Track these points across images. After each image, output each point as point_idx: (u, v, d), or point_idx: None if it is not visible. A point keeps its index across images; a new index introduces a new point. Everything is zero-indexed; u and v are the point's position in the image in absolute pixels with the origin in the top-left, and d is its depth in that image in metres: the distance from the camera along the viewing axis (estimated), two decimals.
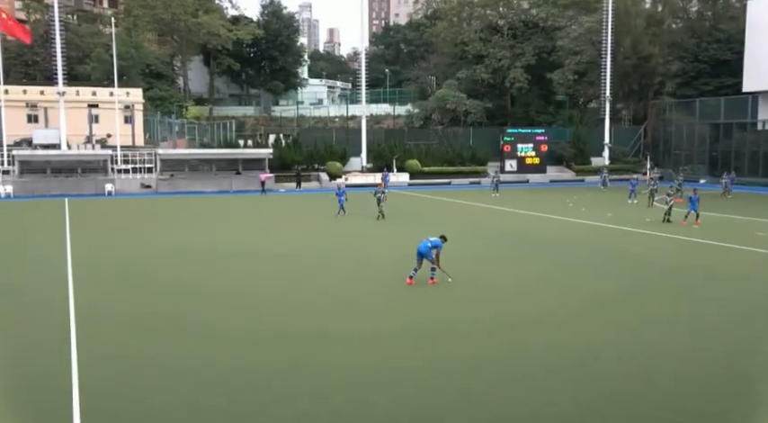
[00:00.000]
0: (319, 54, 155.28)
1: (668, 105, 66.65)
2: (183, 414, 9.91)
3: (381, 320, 14.94)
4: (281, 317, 15.25)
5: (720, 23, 68.98)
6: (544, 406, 10.19)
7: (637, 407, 10.14)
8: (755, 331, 14.12)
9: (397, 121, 79.28)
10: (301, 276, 19.77)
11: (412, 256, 18.53)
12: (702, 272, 20.43)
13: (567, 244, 25.92)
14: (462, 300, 16.85)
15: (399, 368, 11.79)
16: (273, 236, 28.68)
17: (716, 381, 11.23)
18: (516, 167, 62.84)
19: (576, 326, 14.50)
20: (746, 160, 57.34)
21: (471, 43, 74.69)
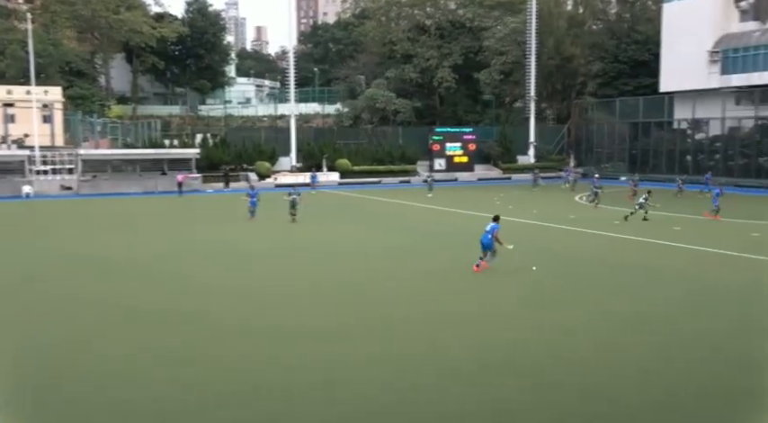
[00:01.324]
0: (247, 53, 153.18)
1: (590, 105, 68.66)
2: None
3: (324, 317, 14.86)
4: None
5: (638, 25, 71.51)
6: (477, 402, 10.34)
7: (567, 400, 10.39)
8: (693, 325, 14.67)
9: (327, 121, 79.02)
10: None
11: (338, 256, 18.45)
12: (634, 269, 21.09)
13: None
14: (405, 297, 16.95)
15: (347, 362, 11.78)
16: (171, 241, 27.43)
17: (650, 374, 11.62)
18: (445, 166, 63.53)
19: (513, 323, 14.76)
20: (664, 158, 59.61)
21: (399, 43, 75.13)
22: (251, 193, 33.70)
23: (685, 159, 58.39)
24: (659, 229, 28.53)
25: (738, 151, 54.44)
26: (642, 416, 9.81)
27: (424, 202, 41.64)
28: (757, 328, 14.27)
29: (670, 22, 61.80)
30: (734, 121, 55.14)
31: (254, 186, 36.37)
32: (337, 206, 40.81)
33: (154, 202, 44.24)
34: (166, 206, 41.93)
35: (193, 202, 44.71)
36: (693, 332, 13.88)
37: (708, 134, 57.29)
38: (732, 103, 56.08)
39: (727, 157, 55.21)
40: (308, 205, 35.43)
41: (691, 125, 58.76)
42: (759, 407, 10.17)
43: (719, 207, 32.88)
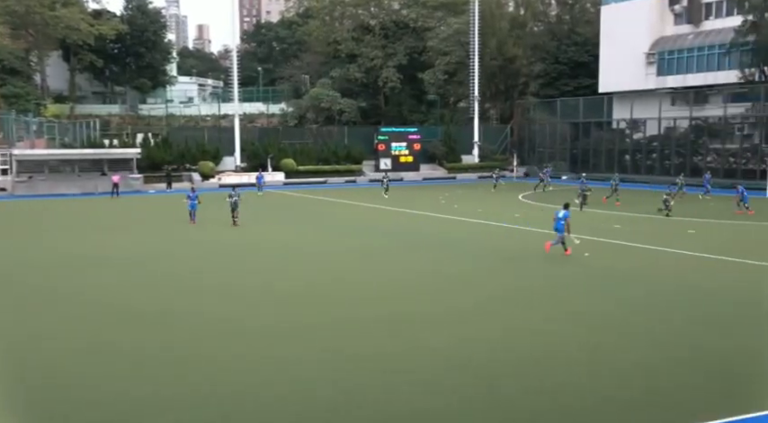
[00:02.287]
0: (189, 51, 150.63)
1: (532, 105, 69.83)
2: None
3: (273, 317, 14.72)
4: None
5: (578, 27, 73.06)
6: (425, 401, 10.39)
7: (515, 397, 10.54)
8: (645, 323, 15.03)
9: (272, 120, 78.27)
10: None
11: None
12: (579, 267, 21.52)
13: (449, 241, 26.57)
14: (367, 298, 16.93)
15: (305, 360, 11.67)
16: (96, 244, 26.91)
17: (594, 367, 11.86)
18: (391, 166, 63.73)
19: (476, 323, 14.88)
20: (603, 157, 61.03)
21: (344, 42, 75.00)
22: (190, 194, 31.84)
23: (624, 158, 59.91)
24: (601, 228, 29.20)
25: (674, 150, 56.14)
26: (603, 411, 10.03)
27: (371, 202, 41.67)
28: (702, 322, 14.74)
29: (608, 25, 63.35)
30: (670, 122, 56.85)
31: (194, 188, 34.59)
32: (285, 207, 40.52)
33: (89, 204, 43.07)
34: (101, 208, 40.81)
35: (131, 203, 43.69)
36: (645, 330, 14.26)
37: (645, 134, 58.91)
38: (668, 104, 57.83)
39: (664, 156, 56.85)
40: (256, 207, 35.04)
41: (629, 125, 60.31)
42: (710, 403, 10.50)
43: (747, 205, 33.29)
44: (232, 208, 30.46)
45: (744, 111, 51.92)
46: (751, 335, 13.61)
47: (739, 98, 52.57)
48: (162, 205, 41.84)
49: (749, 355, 12.42)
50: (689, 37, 58.40)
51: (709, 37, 56.71)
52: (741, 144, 52.32)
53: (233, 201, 30.52)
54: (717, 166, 52.72)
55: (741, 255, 22.09)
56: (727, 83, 53.52)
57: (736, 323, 14.46)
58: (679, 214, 33.19)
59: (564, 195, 43.35)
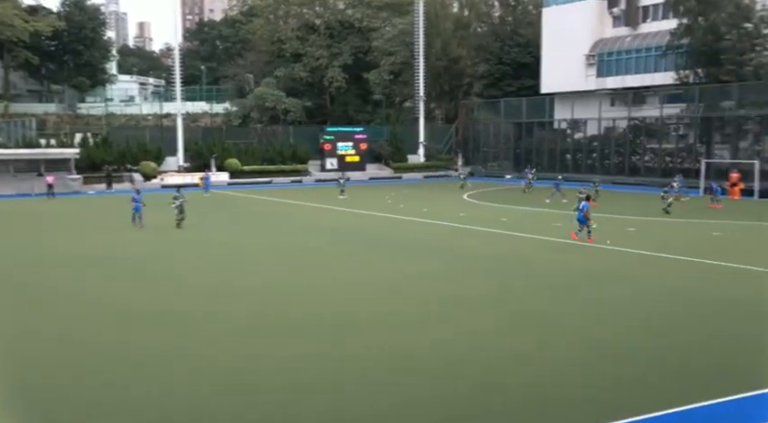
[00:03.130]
0: (129, 49, 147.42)
1: (476, 105, 70.61)
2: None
3: (229, 318, 14.50)
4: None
5: (520, 28, 74.19)
6: (387, 402, 10.39)
7: (466, 397, 10.62)
8: (570, 317, 15.33)
9: (215, 120, 77.14)
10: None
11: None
12: (531, 264, 21.84)
13: (394, 240, 26.63)
14: (307, 298, 16.78)
15: (260, 358, 11.51)
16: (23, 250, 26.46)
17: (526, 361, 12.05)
18: (337, 165, 63.59)
19: (421, 324, 14.93)
20: (546, 156, 62.14)
21: (289, 41, 74.48)
22: (135, 197, 30.40)
23: (565, 158, 61.10)
24: (543, 226, 29.71)
25: (614, 150, 57.52)
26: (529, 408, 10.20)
27: (317, 202, 41.50)
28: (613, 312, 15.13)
29: (549, 27, 64.58)
30: (609, 122, 58.22)
31: (138, 189, 33.25)
32: (231, 208, 39.96)
33: (23, 205, 41.74)
34: (36, 209, 39.61)
35: (69, 204, 42.50)
36: (566, 324, 14.55)
37: (586, 134, 60.20)
38: (608, 105, 59.21)
39: (604, 155, 58.19)
40: (203, 208, 34.49)
41: (570, 125, 61.53)
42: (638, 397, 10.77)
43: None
44: (178, 210, 29.65)
45: (679, 111, 53.52)
46: (693, 333, 14.05)
47: (675, 99, 54.17)
48: (102, 206, 40.81)
49: (687, 352, 12.81)
50: (627, 39, 59.94)
51: (646, 39, 58.31)
52: (677, 144, 53.93)
53: (179, 203, 29.70)
54: (654, 165, 54.21)
55: (705, 255, 22.79)
56: (663, 84, 55.11)
57: (686, 321, 14.89)
58: (613, 212, 34.00)
59: (510, 194, 44.02)
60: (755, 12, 48.13)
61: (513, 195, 45.27)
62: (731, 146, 49.64)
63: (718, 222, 30.63)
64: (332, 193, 47.32)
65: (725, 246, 24.41)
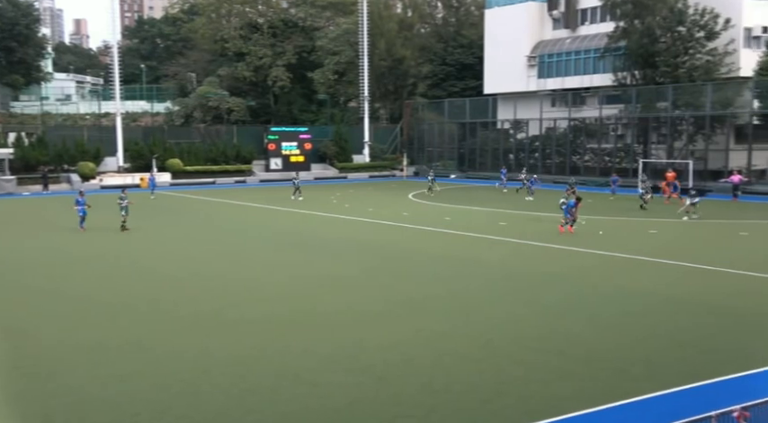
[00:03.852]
0: (65, 46, 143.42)
1: (421, 105, 71.05)
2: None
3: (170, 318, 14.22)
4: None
5: (463, 30, 74.97)
6: (317, 400, 10.36)
7: (402, 394, 10.68)
8: (537, 321, 15.55)
9: (156, 119, 75.60)
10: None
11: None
12: (466, 262, 22.06)
13: (337, 240, 26.59)
14: (243, 301, 16.61)
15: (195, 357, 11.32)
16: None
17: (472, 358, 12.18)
18: (282, 166, 63.14)
19: (358, 323, 14.92)
20: (489, 156, 62.94)
21: (231, 40, 73.62)
22: (80, 199, 29.05)
23: (508, 157, 62.00)
24: (487, 225, 30.10)
25: (555, 150, 58.63)
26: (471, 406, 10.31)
27: (261, 203, 41.12)
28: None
29: (491, 28, 65.45)
30: (550, 122, 59.31)
31: (83, 191, 31.82)
32: (175, 209, 39.24)
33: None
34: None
35: (2, 206, 41.10)
36: (508, 318, 14.80)
37: (528, 134, 61.19)
38: (549, 105, 60.30)
39: (545, 155, 59.26)
40: (149, 209, 33.72)
41: (512, 125, 62.44)
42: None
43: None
44: (124, 211, 28.95)
45: (617, 112, 54.88)
46: (629, 327, 14.45)
47: (613, 100, 55.52)
48: (38, 208, 39.57)
49: (628, 346, 13.16)
50: (566, 41, 61.19)
51: (585, 41, 59.64)
52: (615, 144, 55.30)
53: (124, 204, 29.05)
54: (594, 164, 55.46)
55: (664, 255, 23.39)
56: (601, 86, 56.44)
57: (626, 319, 15.29)
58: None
59: (456, 194, 44.39)
60: (688, 16, 49.73)
61: (458, 194, 45.72)
62: (667, 146, 51.18)
63: (658, 220, 31.56)
64: (277, 193, 46.98)
65: (664, 243, 25.16)
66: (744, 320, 14.64)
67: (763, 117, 46.56)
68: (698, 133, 49.67)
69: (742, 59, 49.45)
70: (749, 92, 47.05)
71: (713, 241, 25.74)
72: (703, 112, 48.08)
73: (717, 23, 48.78)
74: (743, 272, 19.38)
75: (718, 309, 15.56)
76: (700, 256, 21.94)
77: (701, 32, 49.35)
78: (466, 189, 50.42)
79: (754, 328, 14.16)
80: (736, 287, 17.77)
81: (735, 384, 10.77)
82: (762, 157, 46.55)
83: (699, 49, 49.75)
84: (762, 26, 49.93)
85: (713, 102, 47.73)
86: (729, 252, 22.93)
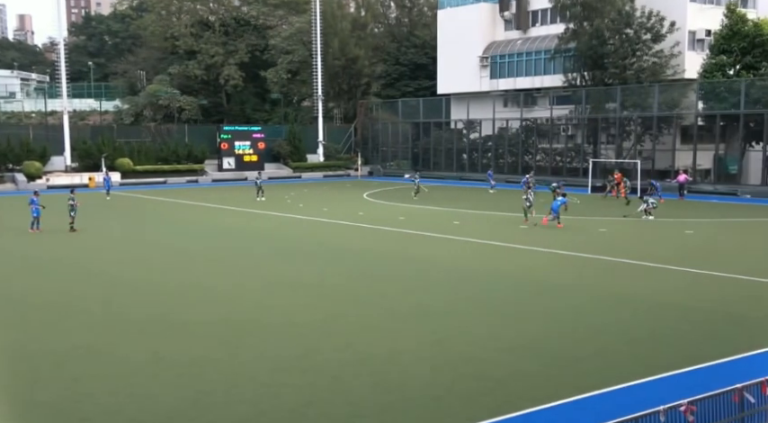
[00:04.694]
0: (9, 42, 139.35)
1: (375, 105, 71.12)
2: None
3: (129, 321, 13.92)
4: None
5: (417, 30, 75.30)
6: (269, 400, 10.29)
7: (361, 394, 10.67)
8: (484, 317, 15.66)
9: (105, 118, 74.12)
10: None
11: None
12: (420, 262, 22.13)
13: (292, 240, 26.43)
14: (194, 301, 16.38)
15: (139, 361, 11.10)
16: None
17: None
18: (234, 165, 62.49)
19: (311, 323, 14.85)
20: (443, 156, 63.34)
21: (182, 38, 72.60)
22: (34, 199, 28.16)
23: (462, 157, 62.50)
24: (440, 225, 30.29)
25: (507, 150, 59.31)
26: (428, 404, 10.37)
27: (214, 203, 40.62)
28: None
29: (444, 29, 65.85)
30: (503, 122, 59.96)
31: (37, 191, 30.64)
32: (130, 209, 38.46)
33: None
34: None
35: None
36: (484, 324, 14.93)
37: (481, 134, 61.75)
38: (501, 105, 60.97)
39: (498, 155, 59.91)
40: (102, 210, 33.01)
41: (466, 125, 62.95)
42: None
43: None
44: (72, 212, 28.34)
45: (568, 112, 55.80)
46: (578, 324, 14.70)
47: (563, 100, 56.42)
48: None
49: (577, 343, 13.39)
50: (518, 42, 61.93)
51: (536, 43, 60.46)
52: (566, 144, 56.22)
53: (74, 204, 28.48)
54: (545, 164, 56.28)
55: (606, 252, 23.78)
56: (552, 86, 57.29)
57: (568, 314, 15.54)
58: (506, 210, 35.14)
59: (409, 193, 44.55)
60: (635, 18, 50.83)
61: (411, 194, 45.91)
62: (616, 146, 52.23)
63: (605, 219, 32.21)
64: (229, 193, 46.49)
65: (613, 241, 25.68)
66: (691, 316, 15.02)
67: (708, 118, 47.89)
68: (645, 134, 50.83)
69: (687, 62, 50.77)
70: (694, 93, 48.34)
71: (660, 239, 26.35)
72: (650, 113, 49.22)
73: (663, 26, 49.98)
74: (689, 269, 19.89)
75: (666, 305, 15.93)
76: (647, 253, 22.44)
77: (648, 35, 50.50)
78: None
79: (701, 323, 14.53)
80: (682, 284, 18.22)
81: (682, 379, 11.04)
82: (706, 157, 47.90)
83: (646, 52, 50.91)
84: (705, 29, 51.30)
85: (660, 103, 48.90)
86: (676, 249, 23.51)
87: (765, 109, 43.57)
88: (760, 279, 18.44)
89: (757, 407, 8.50)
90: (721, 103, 45.83)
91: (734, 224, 31.08)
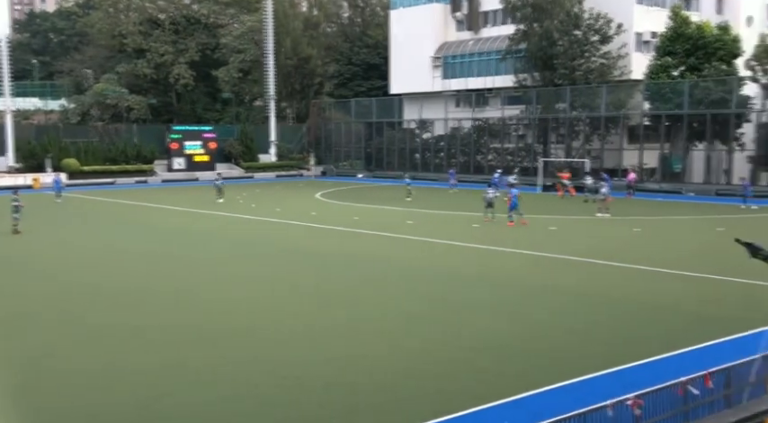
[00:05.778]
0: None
1: (328, 105, 70.93)
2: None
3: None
4: None
5: (369, 30, 75.35)
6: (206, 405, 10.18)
7: (312, 395, 10.63)
8: (431, 315, 15.71)
9: (51, 117, 72.21)
10: None
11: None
12: (375, 261, 22.14)
13: (244, 241, 26.17)
14: (148, 306, 16.09)
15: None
16: None
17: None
18: (185, 165, 61.61)
19: (261, 325, 14.72)
20: (396, 156, 63.54)
21: (131, 36, 71.18)
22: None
23: (414, 157, 62.77)
24: (394, 224, 30.38)
25: (459, 149, 59.80)
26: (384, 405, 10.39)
27: (164, 204, 39.97)
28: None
29: (397, 29, 66.07)
30: (455, 122, 60.44)
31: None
32: (77, 211, 37.52)
33: None
34: None
35: None
36: (405, 316, 15.00)
37: (433, 133, 62.13)
38: (453, 105, 61.46)
39: (451, 154, 60.36)
40: (53, 212, 32.16)
41: (418, 125, 63.25)
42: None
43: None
44: (16, 214, 27.62)
45: (519, 113, 56.54)
46: (529, 321, 14.90)
47: (514, 101, 57.15)
48: None
49: (529, 338, 13.57)
50: (470, 43, 62.51)
51: (487, 43, 61.10)
52: (517, 143, 56.96)
53: (18, 205, 27.76)
54: (497, 163, 56.88)
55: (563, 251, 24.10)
56: (503, 87, 57.98)
57: (528, 311, 15.74)
58: (462, 209, 35.44)
59: (363, 193, 44.55)
60: (584, 20, 51.79)
61: (367, 194, 45.92)
62: (565, 145, 53.12)
63: (555, 217, 32.73)
64: (179, 193, 45.77)
65: (562, 240, 26.11)
66: (636, 312, 15.35)
67: (654, 118, 49.07)
68: (594, 133, 51.82)
69: (633, 63, 51.95)
70: (640, 94, 49.50)
71: (609, 237, 26.89)
72: (599, 113, 50.21)
73: (610, 28, 51.05)
74: (639, 266, 20.33)
75: (614, 301, 16.26)
76: (598, 251, 22.87)
77: (596, 36, 51.53)
78: (374, 188, 50.67)
79: (647, 319, 14.86)
80: (630, 280, 18.63)
81: (629, 374, 11.27)
82: (652, 156, 49.07)
83: (594, 53, 51.92)
84: (651, 31, 52.58)
85: (607, 103, 49.93)
86: (626, 247, 24.02)
87: (708, 109, 44.86)
88: (703, 275, 18.97)
89: (701, 399, 8.74)
90: (666, 104, 47.05)
91: (678, 222, 31.92)
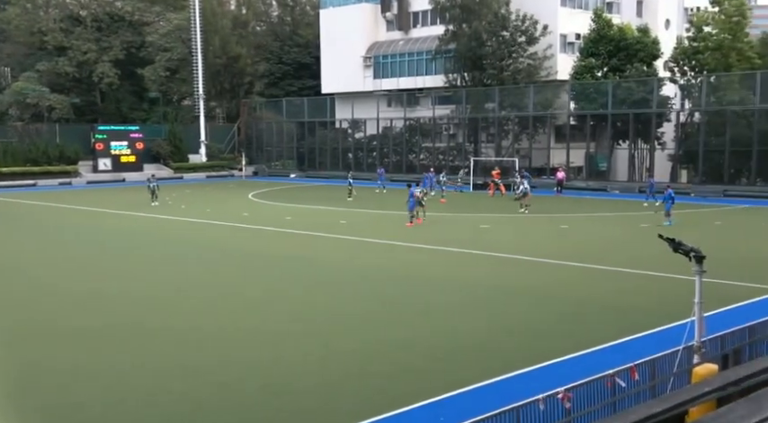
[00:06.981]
0: None
1: (258, 104, 70.15)
2: None
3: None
4: None
5: (300, 29, 74.85)
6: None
7: (250, 398, 10.51)
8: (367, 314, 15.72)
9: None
10: None
11: None
12: (299, 259, 22.03)
13: (173, 242, 25.65)
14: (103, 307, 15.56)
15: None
16: None
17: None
18: (111, 166, 59.91)
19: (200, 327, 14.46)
20: (328, 155, 63.38)
21: (51, 33, 68.70)
22: None
23: (347, 157, 62.73)
24: (327, 224, 30.32)
25: (392, 149, 60.08)
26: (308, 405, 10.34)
27: (90, 205, 38.76)
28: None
29: (327, 28, 65.87)
30: (387, 122, 60.67)
31: None
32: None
33: None
34: None
35: None
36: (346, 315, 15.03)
37: (366, 133, 62.21)
38: (385, 105, 61.68)
39: (383, 154, 60.58)
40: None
41: (351, 125, 63.22)
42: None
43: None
44: None
45: (449, 112, 57.19)
46: (460, 318, 15.11)
47: (445, 100, 57.77)
48: None
49: (459, 336, 13.75)
50: (400, 43, 62.86)
51: (417, 44, 61.58)
52: (448, 143, 57.61)
53: None
54: (429, 163, 57.41)
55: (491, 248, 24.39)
56: (434, 87, 58.53)
57: (460, 309, 15.93)
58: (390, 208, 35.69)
59: (296, 193, 44.24)
60: (511, 21, 52.81)
61: (300, 194, 45.66)
62: (495, 144, 54.03)
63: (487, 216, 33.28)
64: (104, 195, 44.47)
65: (494, 237, 26.56)
66: (565, 307, 15.76)
67: (579, 118, 50.43)
68: (522, 133, 52.90)
69: (559, 64, 53.27)
70: (566, 94, 50.80)
71: (538, 234, 27.51)
72: (527, 112, 51.26)
73: (536, 29, 52.20)
74: (565, 262, 20.87)
75: (544, 297, 16.65)
76: (526, 248, 23.36)
77: (523, 37, 52.60)
78: (307, 188, 50.42)
79: (575, 313, 15.28)
80: (558, 277, 19.11)
81: (560, 368, 11.56)
82: (578, 154, 50.42)
83: (521, 54, 53.00)
84: (575, 33, 54.03)
85: (535, 103, 51.02)
86: (553, 244, 24.62)
87: (630, 109, 46.39)
88: (626, 270, 19.62)
89: (627, 391, 9.04)
90: (591, 104, 48.42)
91: (604, 218, 32.94)
